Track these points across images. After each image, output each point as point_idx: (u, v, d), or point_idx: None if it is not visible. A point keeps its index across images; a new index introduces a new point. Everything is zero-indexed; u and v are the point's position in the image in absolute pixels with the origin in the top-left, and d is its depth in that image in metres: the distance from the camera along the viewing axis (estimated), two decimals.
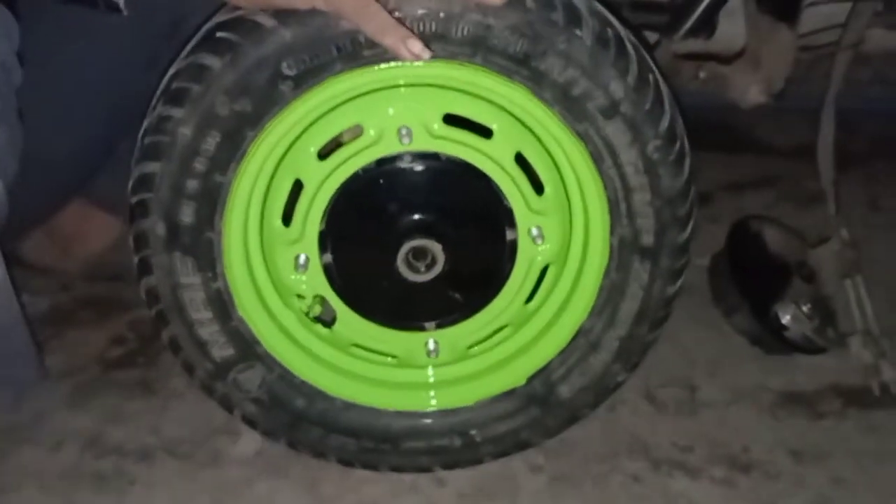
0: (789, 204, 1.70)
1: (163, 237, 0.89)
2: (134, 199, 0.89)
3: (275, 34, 0.82)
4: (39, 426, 1.13)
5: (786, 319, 1.18)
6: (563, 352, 0.97)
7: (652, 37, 1.29)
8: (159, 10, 1.11)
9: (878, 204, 1.67)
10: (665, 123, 0.87)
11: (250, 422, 1.00)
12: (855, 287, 1.20)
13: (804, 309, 1.17)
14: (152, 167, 0.87)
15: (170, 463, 1.06)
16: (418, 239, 0.92)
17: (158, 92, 0.88)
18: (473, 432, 0.99)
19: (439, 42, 0.83)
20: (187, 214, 0.89)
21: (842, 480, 1.00)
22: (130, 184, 0.89)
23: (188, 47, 0.86)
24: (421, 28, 0.82)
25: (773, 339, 1.20)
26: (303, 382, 0.99)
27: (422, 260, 0.93)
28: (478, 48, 0.83)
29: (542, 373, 0.98)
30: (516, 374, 0.99)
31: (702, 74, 1.19)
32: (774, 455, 1.05)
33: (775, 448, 1.06)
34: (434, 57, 0.82)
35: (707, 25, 1.19)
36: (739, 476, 1.02)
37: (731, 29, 1.26)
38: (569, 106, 0.86)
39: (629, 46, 0.84)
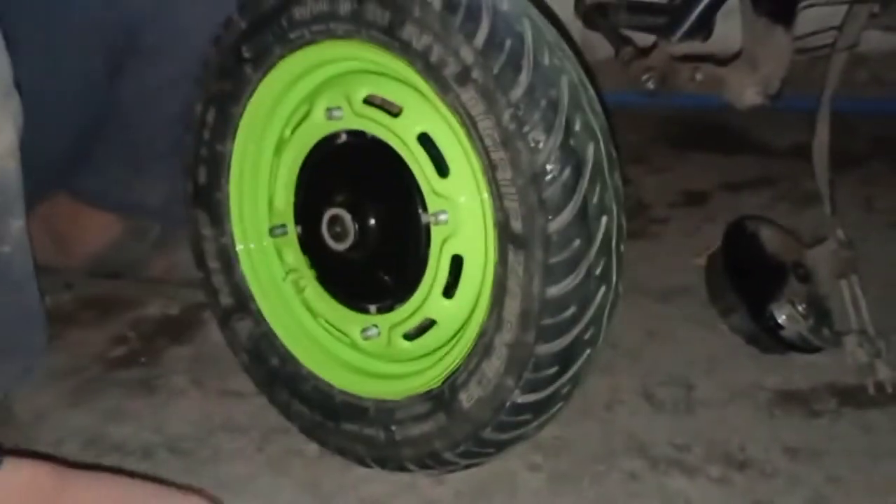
0: (786, 204, 1.71)
1: (191, 193, 1.08)
2: (181, 163, 1.09)
3: (237, 23, 0.98)
4: (40, 425, 1.14)
5: (781, 319, 1.19)
6: (467, 355, 0.90)
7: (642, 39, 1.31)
8: (109, 27, 1.21)
9: (874, 204, 1.69)
10: (519, 91, 0.80)
11: (246, 371, 1.10)
12: (851, 287, 1.21)
13: (800, 308, 1.18)
14: (186, 137, 1.07)
15: (171, 461, 1.07)
16: (335, 209, 0.97)
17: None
18: (394, 428, 0.97)
19: (332, 21, 0.90)
20: (202, 176, 1.06)
21: (837, 479, 1.01)
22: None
23: None
24: (312, 10, 0.91)
25: (768, 338, 1.21)
26: (280, 344, 1.06)
27: (342, 232, 0.97)
28: (359, 23, 0.88)
29: (452, 376, 0.92)
30: (435, 375, 0.95)
31: (698, 76, 1.19)
32: (770, 453, 1.06)
33: (771, 446, 1.07)
34: (333, 36, 0.91)
35: (704, 27, 1.20)
36: (736, 474, 1.03)
37: (729, 30, 1.27)
38: (433, 76, 0.84)
39: (483, 10, 0.81)
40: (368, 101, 0.94)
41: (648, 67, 1.20)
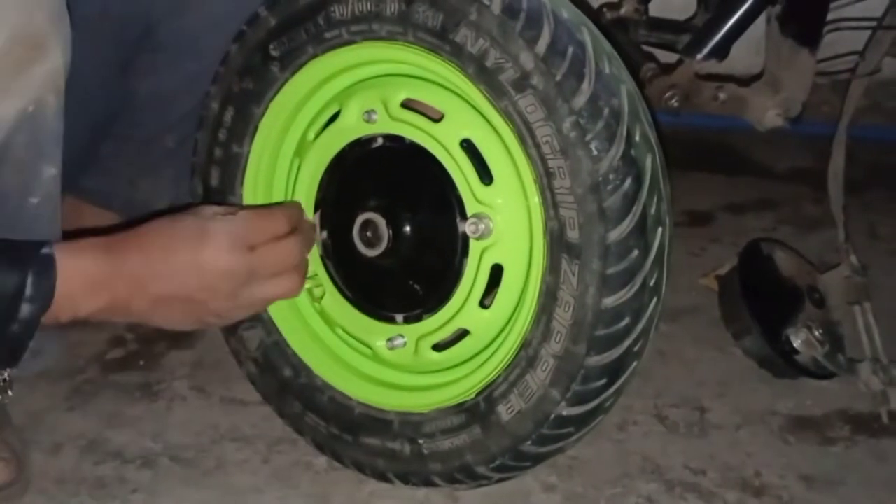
0: (789, 228, 1.71)
1: (200, 195, 1.04)
2: (192, 163, 1.05)
3: (265, 20, 0.95)
4: (36, 427, 1.10)
5: (797, 343, 1.18)
6: (507, 366, 0.89)
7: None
8: (126, 20, 1.17)
9: (877, 232, 1.69)
10: (582, 99, 0.79)
11: (252, 381, 1.07)
12: (864, 314, 1.21)
13: (816, 334, 1.17)
14: (198, 135, 1.03)
15: (173, 470, 1.04)
16: (368, 213, 0.94)
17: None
18: (421, 442, 0.94)
19: (375, 21, 0.88)
20: (215, 178, 1.03)
21: None
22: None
23: None
24: (353, 9, 0.88)
25: (783, 363, 1.19)
26: (293, 354, 1.02)
27: (374, 237, 0.94)
28: (406, 25, 0.86)
29: (488, 388, 0.90)
30: (468, 387, 0.93)
31: (721, 96, 1.18)
32: (786, 480, 1.04)
33: (787, 473, 1.05)
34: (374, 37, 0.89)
35: (728, 46, 1.19)
36: (752, 500, 1.01)
37: (743, 52, 1.27)
38: (487, 81, 0.83)
39: (544, 17, 0.80)
40: (406, 105, 0.91)
41: (672, 85, 1.18)
